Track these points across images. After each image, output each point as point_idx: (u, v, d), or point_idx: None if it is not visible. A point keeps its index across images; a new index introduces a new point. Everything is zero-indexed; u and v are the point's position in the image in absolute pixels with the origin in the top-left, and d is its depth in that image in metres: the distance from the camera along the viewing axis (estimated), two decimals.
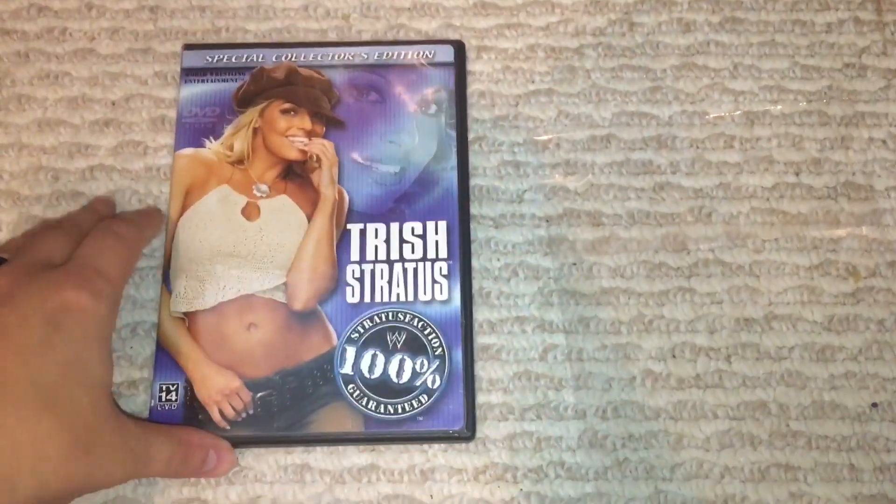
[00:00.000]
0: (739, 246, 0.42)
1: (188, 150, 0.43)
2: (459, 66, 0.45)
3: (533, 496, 0.39)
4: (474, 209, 0.43)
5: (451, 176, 0.43)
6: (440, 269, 0.41)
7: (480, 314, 0.42)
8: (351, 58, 0.45)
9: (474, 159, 0.44)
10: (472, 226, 0.43)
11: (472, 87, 0.46)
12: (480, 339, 0.41)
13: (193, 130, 0.44)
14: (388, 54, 0.45)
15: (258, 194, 0.42)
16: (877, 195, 0.43)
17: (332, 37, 0.47)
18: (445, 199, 0.42)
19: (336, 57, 0.45)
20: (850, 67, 0.46)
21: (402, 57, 0.45)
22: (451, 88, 0.44)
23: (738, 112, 0.45)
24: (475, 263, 0.42)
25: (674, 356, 0.41)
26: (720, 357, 0.41)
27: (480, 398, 0.40)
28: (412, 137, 0.43)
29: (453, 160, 0.43)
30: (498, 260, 0.43)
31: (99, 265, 0.36)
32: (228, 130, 0.44)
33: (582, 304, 0.42)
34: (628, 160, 0.44)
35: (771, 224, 0.43)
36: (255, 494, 0.39)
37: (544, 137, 0.45)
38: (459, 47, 0.45)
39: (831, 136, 0.44)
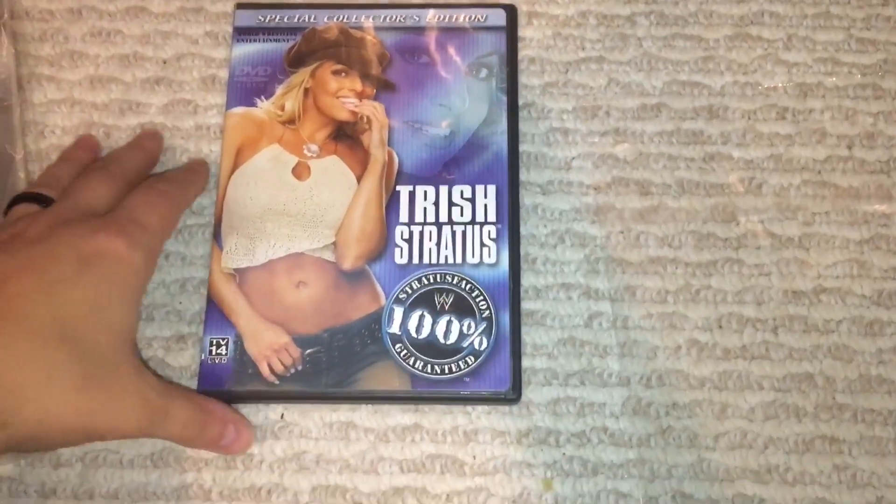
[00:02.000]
0: (789, 218, 0.42)
1: (240, 109, 0.43)
2: (511, 30, 0.45)
3: (575, 460, 0.39)
4: (522, 175, 0.43)
5: (500, 140, 0.42)
6: (489, 232, 0.41)
7: (526, 280, 0.42)
8: (403, 20, 0.45)
9: (523, 126, 0.44)
10: (520, 192, 0.43)
11: (522, 53, 0.46)
12: (526, 305, 0.41)
13: (245, 89, 0.44)
14: (440, 17, 0.45)
15: (309, 154, 0.42)
16: None
17: None
18: (495, 164, 0.42)
19: (388, 19, 0.45)
20: None
21: (453, 20, 0.45)
22: (502, 52, 0.44)
23: (791, 84, 0.44)
24: (522, 230, 0.42)
25: (720, 327, 0.41)
26: (767, 329, 0.41)
27: (525, 362, 0.40)
28: (462, 101, 0.43)
29: (503, 125, 0.43)
30: (545, 227, 0.43)
31: (140, 218, 0.37)
32: (280, 90, 0.44)
33: (628, 272, 0.42)
34: (678, 129, 0.44)
35: (822, 197, 0.42)
36: (299, 450, 0.39)
37: (594, 104, 0.44)
38: (511, 11, 0.45)
39: (885, 110, 0.44)
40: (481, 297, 0.40)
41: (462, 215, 0.41)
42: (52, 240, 0.34)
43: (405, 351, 0.39)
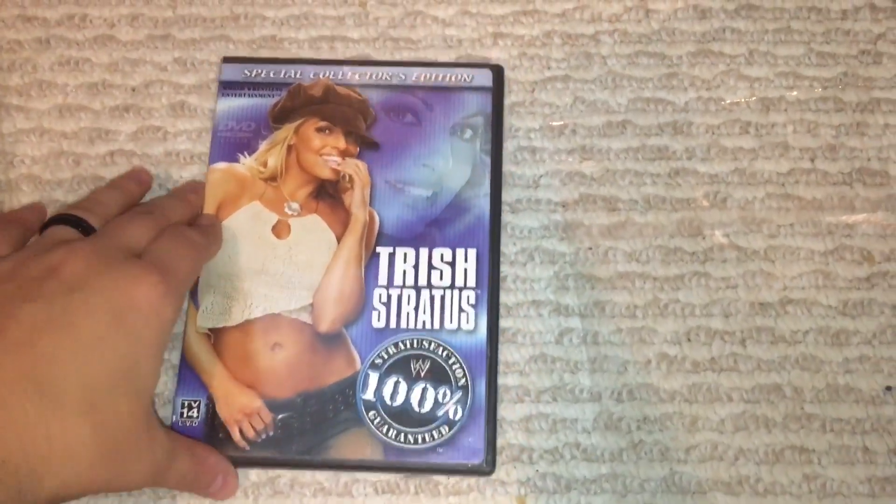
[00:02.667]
0: (754, 231, 0.43)
1: (222, 165, 0.43)
2: (497, 90, 0.44)
3: (549, 476, 0.39)
4: None
5: (483, 203, 0.42)
6: (468, 297, 0.40)
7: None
8: (389, 78, 0.44)
9: None
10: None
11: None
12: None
13: (229, 144, 0.43)
14: (426, 76, 0.45)
15: (289, 212, 0.42)
16: (892, 181, 0.43)
17: (350, 24, 0.47)
18: (476, 227, 0.42)
19: (374, 76, 0.45)
20: (865, 54, 0.46)
21: (440, 79, 0.44)
22: (487, 113, 0.44)
23: (754, 98, 0.45)
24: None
25: (689, 340, 0.41)
26: (735, 341, 0.41)
27: (497, 380, 0.40)
28: (446, 162, 0.43)
29: (486, 187, 0.42)
30: (514, 244, 0.43)
31: (173, 265, 0.36)
32: (263, 146, 0.43)
33: (598, 288, 0.42)
34: (644, 146, 0.44)
35: (786, 209, 0.43)
36: (274, 474, 0.39)
37: (560, 123, 0.45)
38: (498, 72, 0.45)
39: (846, 123, 0.45)
40: (458, 365, 0.39)
41: (441, 279, 0.41)
42: (88, 287, 0.33)
43: (379, 419, 0.39)
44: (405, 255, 0.41)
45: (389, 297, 0.41)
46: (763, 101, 0.45)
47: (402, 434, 0.38)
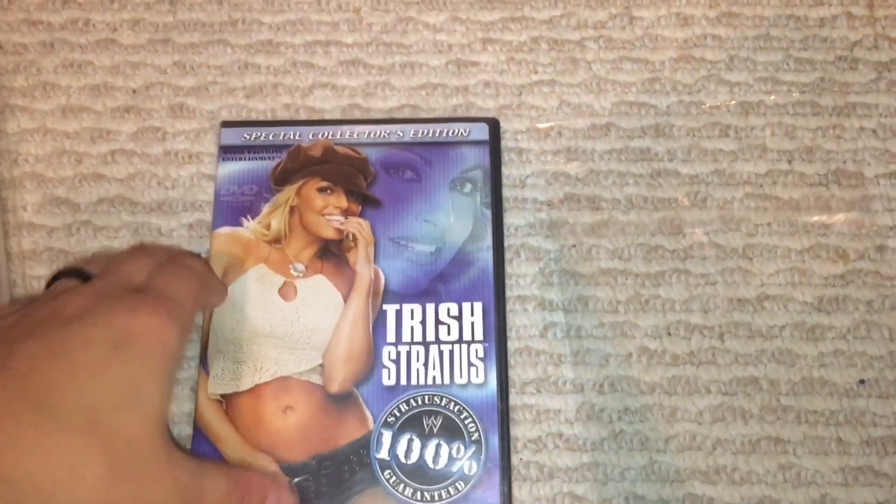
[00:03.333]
0: (733, 230, 0.44)
1: (226, 229, 0.43)
2: (494, 143, 0.45)
3: (532, 465, 0.40)
4: None
5: (486, 256, 0.43)
6: (476, 351, 0.41)
7: None
8: (386, 135, 0.45)
9: None
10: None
11: (478, 78, 0.48)
12: None
13: (231, 209, 0.44)
14: (423, 132, 0.45)
15: (295, 274, 0.42)
16: (866, 182, 0.45)
17: (343, 29, 0.49)
18: (481, 280, 0.42)
19: (372, 134, 0.45)
20: (842, 60, 0.47)
21: (437, 134, 0.45)
22: (485, 166, 0.44)
23: (734, 102, 0.47)
24: None
25: (669, 334, 0.42)
26: (713, 335, 0.42)
27: None
28: (448, 216, 0.44)
29: (488, 240, 0.43)
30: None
31: (174, 294, 0.35)
32: (266, 209, 0.44)
33: (581, 283, 0.43)
34: (627, 148, 0.46)
35: (764, 209, 0.44)
36: None
37: (546, 125, 0.46)
38: (494, 125, 0.46)
39: (823, 126, 0.46)
40: (470, 420, 0.40)
41: (449, 334, 0.41)
42: (87, 319, 0.33)
43: (394, 477, 0.39)
44: (412, 311, 0.42)
45: (398, 353, 0.41)
46: (742, 105, 0.46)
47: (419, 492, 0.39)
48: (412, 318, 0.41)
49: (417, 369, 0.41)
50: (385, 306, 0.42)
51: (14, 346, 0.32)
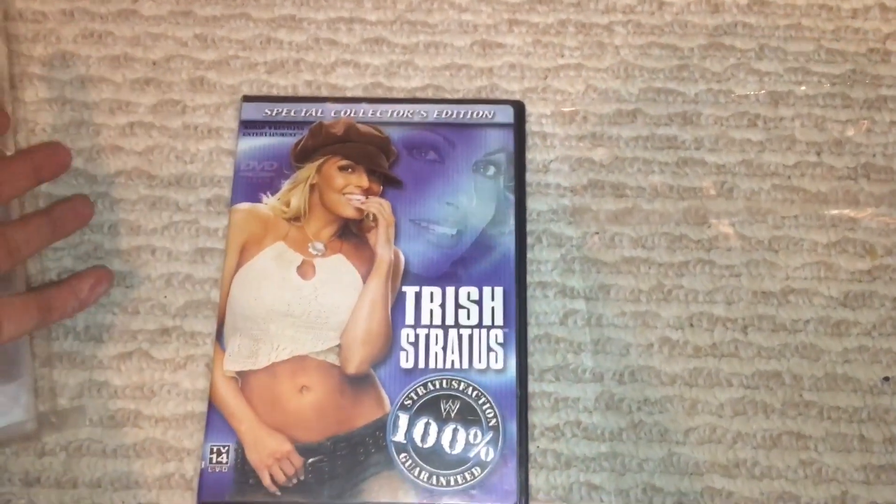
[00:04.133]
0: (759, 221, 0.43)
1: (245, 205, 0.43)
2: (518, 126, 0.44)
3: (549, 453, 0.40)
4: None
5: (508, 241, 0.42)
6: (496, 336, 0.40)
7: None
8: (410, 115, 0.44)
9: None
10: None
11: (503, 60, 0.47)
12: None
13: (251, 185, 0.43)
14: (448, 113, 0.44)
15: (314, 252, 0.42)
16: None
17: (368, 6, 0.48)
18: (502, 265, 0.42)
19: (396, 114, 0.44)
20: (874, 52, 0.47)
21: (462, 116, 0.44)
22: (509, 150, 0.44)
23: (763, 92, 0.46)
24: None
25: (691, 325, 0.42)
26: (737, 328, 0.42)
27: None
28: (470, 199, 0.43)
29: (511, 225, 0.42)
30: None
31: None
32: (286, 186, 0.43)
33: (603, 272, 0.43)
34: (653, 135, 0.45)
35: (791, 201, 0.44)
36: None
37: (572, 109, 0.46)
38: (519, 108, 0.45)
39: (853, 118, 0.45)
40: (488, 405, 0.39)
41: (469, 318, 0.41)
42: None
43: (410, 461, 0.38)
44: (431, 294, 0.41)
45: (417, 336, 0.40)
46: (772, 95, 0.46)
47: (434, 476, 0.38)
48: (432, 301, 0.41)
49: (436, 353, 0.40)
50: (404, 288, 0.41)
51: None
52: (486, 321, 0.41)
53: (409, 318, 0.41)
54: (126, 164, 0.45)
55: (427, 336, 0.40)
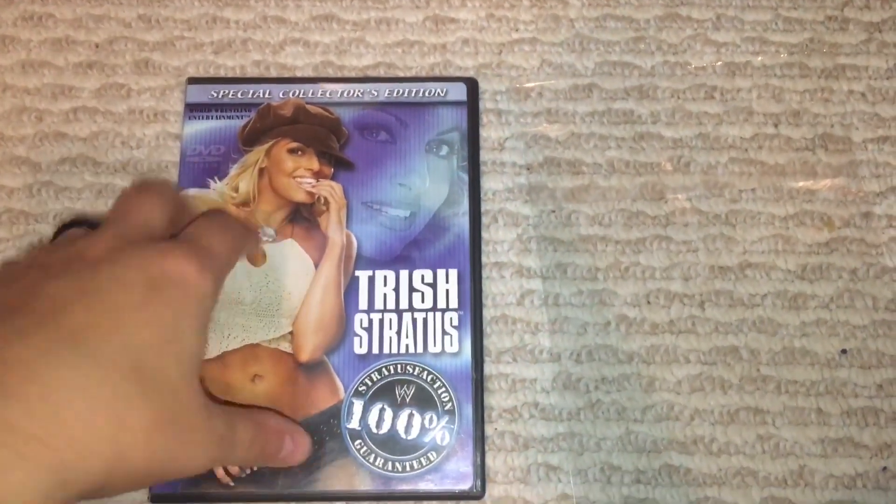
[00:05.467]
0: (716, 195, 0.43)
1: (192, 191, 0.42)
2: (472, 104, 0.43)
3: (507, 435, 0.39)
4: None
5: (462, 222, 0.41)
6: (450, 319, 0.40)
7: None
8: (360, 95, 0.43)
9: None
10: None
11: (456, 35, 0.46)
12: None
13: (198, 170, 0.42)
14: (399, 91, 0.43)
15: (264, 238, 0.41)
16: (854, 147, 0.44)
17: None
18: (456, 247, 0.41)
19: (346, 94, 0.43)
20: (832, 20, 0.46)
21: (413, 94, 0.43)
22: (463, 128, 0.43)
23: (720, 63, 0.45)
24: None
25: (648, 302, 0.41)
26: (694, 303, 0.41)
27: None
28: (423, 180, 0.42)
29: (465, 206, 0.42)
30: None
31: (208, 244, 0.33)
32: (234, 170, 0.42)
33: (560, 250, 0.42)
34: (609, 110, 0.44)
35: (749, 174, 0.43)
36: None
37: (527, 86, 0.45)
38: (473, 85, 0.44)
39: (811, 88, 0.45)
40: (443, 389, 0.39)
41: (423, 301, 0.40)
42: (117, 261, 0.30)
43: (365, 448, 0.38)
44: (385, 277, 0.40)
45: (371, 321, 0.40)
46: (729, 66, 0.45)
47: (390, 462, 0.38)
48: (385, 285, 0.40)
49: (390, 337, 0.39)
50: (357, 272, 0.40)
51: (35, 289, 0.28)
52: (441, 304, 0.40)
53: (363, 303, 0.40)
54: (70, 150, 0.44)
55: (381, 321, 0.40)
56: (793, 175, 0.43)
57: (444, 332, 0.40)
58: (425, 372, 0.39)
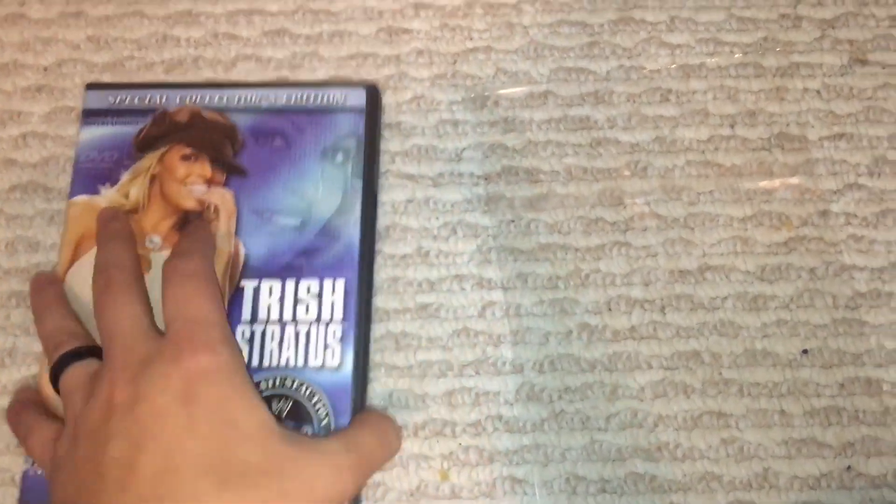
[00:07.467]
0: (674, 199, 0.43)
1: (82, 198, 0.41)
2: (371, 111, 0.42)
3: (471, 449, 0.39)
4: (412, 168, 0.43)
5: (353, 231, 0.40)
6: (334, 331, 0.39)
7: (420, 273, 0.42)
8: (258, 100, 0.42)
9: (412, 118, 0.44)
10: (411, 185, 0.43)
11: (410, 46, 0.45)
12: (420, 298, 0.41)
13: (90, 176, 0.41)
14: (296, 97, 0.43)
15: (150, 246, 0.40)
16: (810, 145, 0.44)
17: None
18: (345, 257, 0.40)
19: (243, 100, 0.42)
20: (785, 18, 0.46)
21: (311, 100, 0.42)
22: (360, 135, 0.42)
23: (675, 65, 0.45)
24: (414, 223, 0.43)
25: (609, 309, 0.41)
26: (654, 309, 0.41)
27: (420, 355, 0.40)
28: (316, 188, 0.41)
29: (357, 214, 0.40)
30: (437, 219, 0.43)
31: (196, 317, 0.34)
32: (126, 177, 0.41)
33: (520, 260, 0.42)
34: (566, 116, 0.44)
35: (706, 176, 0.43)
36: None
37: (482, 95, 0.45)
38: (372, 91, 0.43)
39: (766, 88, 0.45)
40: (321, 404, 0.38)
41: (307, 313, 0.39)
42: (140, 401, 0.31)
43: None
44: (271, 288, 0.39)
45: (253, 333, 0.39)
46: (683, 69, 0.45)
47: None
48: (270, 296, 0.39)
49: (271, 350, 0.39)
50: (243, 282, 0.39)
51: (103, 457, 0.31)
52: (325, 316, 0.39)
53: (246, 314, 0.39)
54: (20, 177, 0.43)
55: (263, 332, 0.39)
56: (750, 176, 0.43)
57: (325, 346, 0.39)
58: (304, 386, 0.38)
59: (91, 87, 0.43)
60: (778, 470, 0.39)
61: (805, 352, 0.41)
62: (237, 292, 0.39)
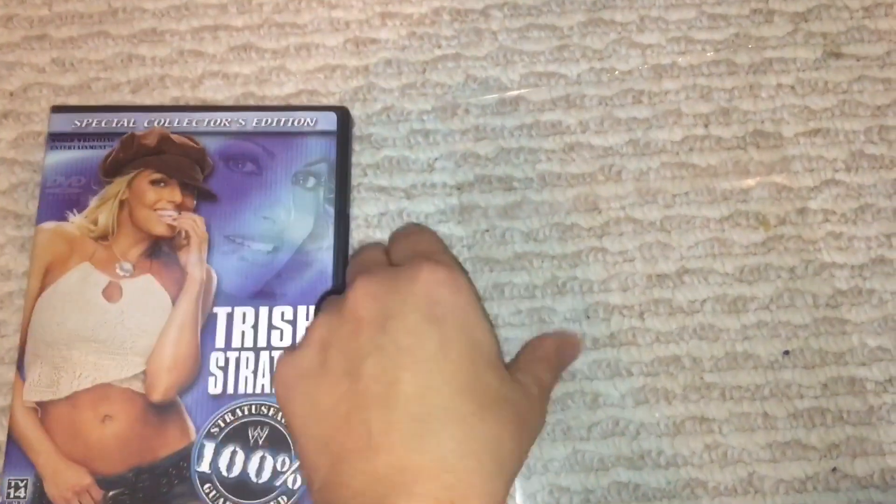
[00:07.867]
0: (650, 202, 0.42)
1: (50, 224, 0.40)
2: (342, 134, 0.42)
3: None
4: (384, 181, 0.43)
5: (325, 257, 0.40)
6: None
7: None
8: (227, 124, 0.42)
9: (383, 130, 0.44)
10: (383, 198, 0.42)
11: (378, 56, 0.45)
12: None
13: (57, 202, 0.41)
14: (266, 121, 0.42)
15: (121, 273, 0.40)
16: (786, 142, 0.43)
17: (233, 11, 0.46)
18: (319, 282, 0.40)
19: (212, 123, 0.42)
20: (757, 13, 0.45)
21: (281, 124, 0.42)
22: (331, 159, 0.41)
23: (646, 66, 0.44)
24: (387, 236, 0.42)
25: (588, 317, 0.41)
26: (633, 314, 0.41)
27: None
28: (288, 213, 0.41)
29: (330, 240, 0.40)
30: None
31: (426, 250, 0.36)
32: (94, 202, 0.41)
33: (496, 270, 0.42)
34: (538, 122, 0.44)
35: (681, 178, 0.43)
36: None
37: (453, 103, 0.44)
38: (343, 115, 0.42)
39: (739, 85, 0.44)
40: None
41: (282, 339, 0.39)
42: (392, 315, 0.32)
43: (214, 492, 0.37)
44: (244, 314, 0.39)
45: (227, 360, 0.39)
46: (655, 69, 0.44)
47: None
48: (244, 322, 0.39)
49: (246, 377, 0.38)
50: (216, 309, 0.39)
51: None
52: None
53: (220, 341, 0.39)
54: None
55: (237, 359, 0.39)
56: (725, 175, 0.43)
57: None
58: (279, 413, 0.38)
59: (56, 109, 0.43)
60: (763, 474, 0.39)
61: (787, 353, 0.40)
62: (210, 319, 0.39)
